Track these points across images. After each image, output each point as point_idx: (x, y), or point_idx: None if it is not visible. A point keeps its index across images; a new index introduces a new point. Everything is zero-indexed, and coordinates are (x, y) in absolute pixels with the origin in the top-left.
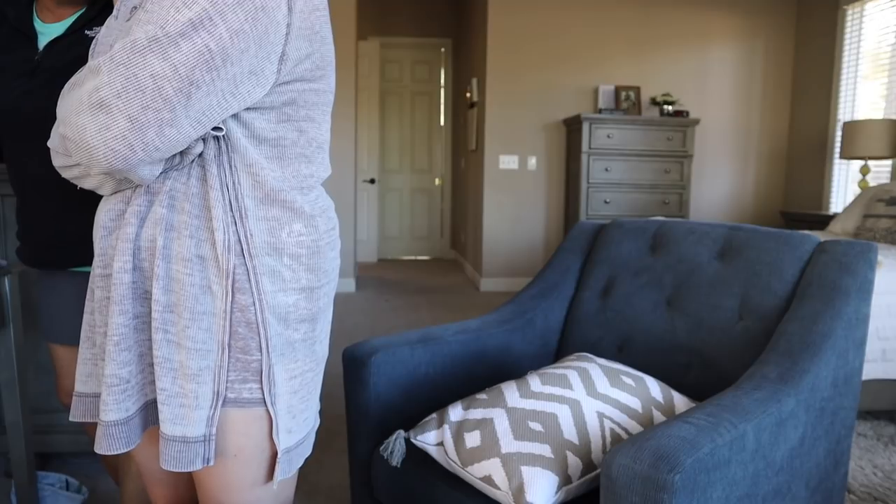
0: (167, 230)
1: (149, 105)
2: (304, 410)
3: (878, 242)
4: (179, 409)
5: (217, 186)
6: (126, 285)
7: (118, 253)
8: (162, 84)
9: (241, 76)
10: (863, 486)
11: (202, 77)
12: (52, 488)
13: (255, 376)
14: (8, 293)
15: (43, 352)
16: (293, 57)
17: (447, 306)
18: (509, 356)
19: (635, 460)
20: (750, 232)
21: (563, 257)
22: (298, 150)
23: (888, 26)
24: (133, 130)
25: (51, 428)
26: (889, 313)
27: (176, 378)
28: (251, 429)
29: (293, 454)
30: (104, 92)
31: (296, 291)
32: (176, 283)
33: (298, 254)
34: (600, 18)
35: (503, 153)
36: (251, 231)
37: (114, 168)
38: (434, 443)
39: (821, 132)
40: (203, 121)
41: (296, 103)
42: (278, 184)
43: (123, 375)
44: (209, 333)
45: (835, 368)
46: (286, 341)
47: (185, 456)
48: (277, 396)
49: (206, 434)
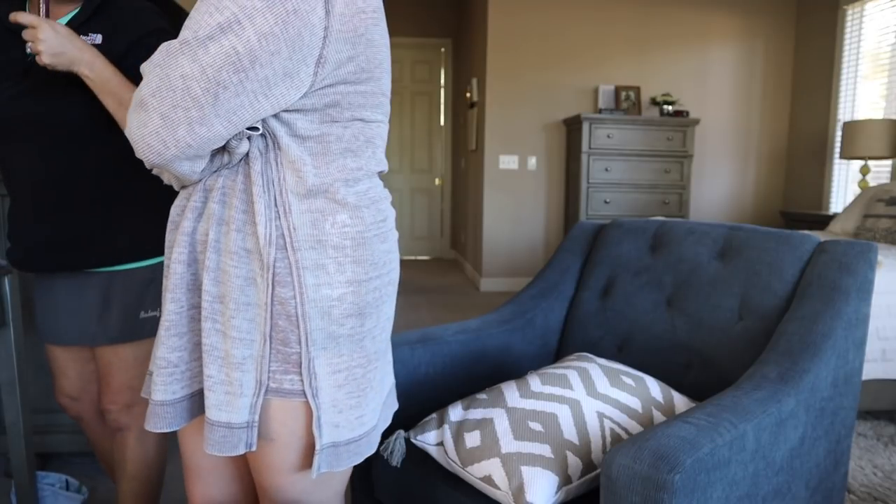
0: (218, 224)
1: (178, 104)
2: (354, 407)
3: (878, 242)
4: (224, 395)
5: (260, 182)
6: (179, 275)
7: (176, 245)
8: (190, 84)
9: (274, 78)
10: (863, 486)
11: (229, 78)
12: (52, 488)
13: (294, 368)
14: (8, 293)
15: (43, 352)
16: (333, 60)
17: (447, 306)
18: (509, 356)
19: (635, 460)
20: (750, 232)
21: (563, 257)
22: (344, 146)
23: (888, 26)
24: (165, 127)
25: (51, 428)
26: (889, 313)
27: (222, 366)
28: (291, 418)
29: (342, 450)
30: (143, 91)
31: (341, 285)
32: (224, 275)
33: (343, 245)
34: (600, 18)
35: (503, 153)
36: (294, 225)
37: (151, 162)
38: (434, 443)
39: (821, 132)
40: (234, 120)
41: (339, 105)
42: (322, 178)
43: (172, 360)
44: (253, 324)
45: (835, 368)
46: (329, 335)
47: (228, 441)
48: (319, 390)
49: (249, 421)
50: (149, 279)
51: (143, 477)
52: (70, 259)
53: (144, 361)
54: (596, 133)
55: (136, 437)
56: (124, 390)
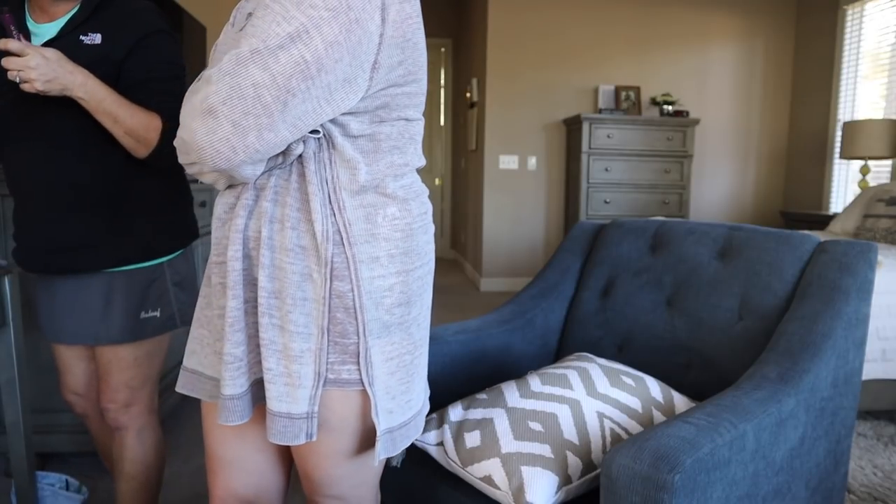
0: (271, 222)
1: (249, 111)
2: (404, 392)
3: (878, 242)
4: (284, 387)
5: (315, 181)
6: (238, 272)
7: (231, 242)
8: (261, 92)
9: (336, 84)
10: (863, 486)
11: (298, 86)
12: (52, 488)
13: (352, 358)
14: (8, 293)
15: (43, 352)
16: (386, 65)
17: (447, 306)
18: (509, 356)
19: (635, 460)
20: (750, 232)
21: (563, 257)
22: (392, 143)
23: (888, 26)
24: (236, 134)
25: (51, 428)
26: (889, 313)
27: (280, 359)
28: (349, 407)
29: (396, 435)
30: (212, 99)
31: (392, 275)
32: (279, 272)
33: (394, 237)
34: (600, 18)
35: (503, 153)
36: (349, 220)
37: (219, 167)
38: (434, 443)
39: (821, 132)
40: (299, 125)
41: (388, 107)
42: (373, 174)
43: (238, 354)
44: (310, 318)
45: (835, 368)
46: (382, 325)
47: (289, 431)
48: (375, 378)
49: (309, 412)
50: (150, 280)
51: (141, 477)
52: (75, 261)
53: (144, 361)
54: (596, 133)
55: (135, 437)
56: (123, 389)
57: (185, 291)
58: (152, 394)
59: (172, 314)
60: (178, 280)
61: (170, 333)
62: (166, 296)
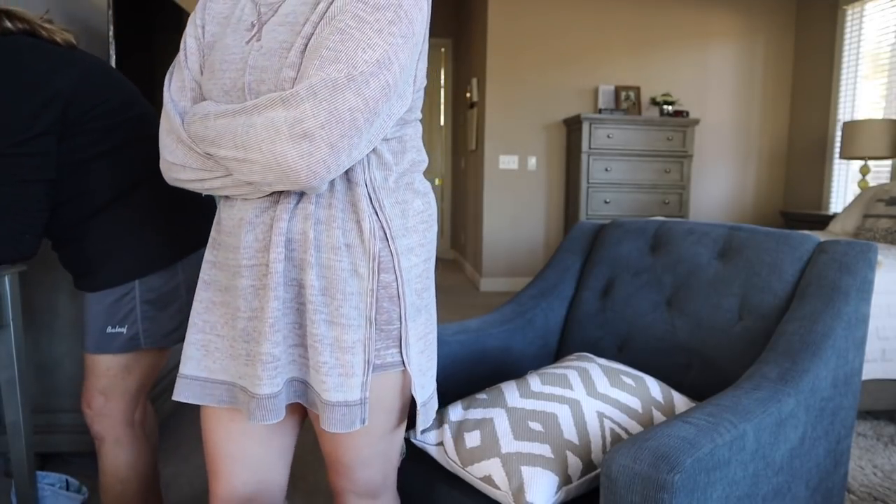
0: (316, 223)
1: (345, 134)
2: (429, 369)
3: (878, 242)
4: (339, 378)
5: (360, 183)
6: (279, 273)
7: (273, 245)
8: (356, 116)
9: (396, 100)
10: (863, 486)
11: (382, 107)
12: (52, 488)
13: (395, 343)
14: (8, 293)
15: (43, 352)
16: (419, 77)
17: (447, 306)
18: (509, 356)
19: (635, 460)
20: (750, 232)
21: (563, 257)
22: (412, 143)
23: (888, 26)
24: (332, 155)
25: (51, 428)
26: (889, 313)
27: (333, 351)
28: (386, 388)
29: (428, 406)
30: (309, 124)
31: (421, 263)
32: (327, 270)
33: (420, 228)
34: (600, 18)
35: (503, 153)
36: (389, 217)
37: (311, 186)
38: (434, 443)
39: (821, 132)
40: (373, 141)
41: (412, 109)
42: (401, 172)
43: (276, 354)
44: (357, 311)
45: (835, 368)
46: (416, 309)
47: (347, 418)
48: (411, 358)
49: (362, 398)
50: (118, 296)
51: (115, 491)
52: (74, 282)
53: (118, 374)
54: (596, 133)
55: (110, 449)
56: (97, 395)
57: (163, 309)
58: (129, 407)
59: (137, 334)
60: (153, 298)
61: (157, 351)
62: (133, 314)
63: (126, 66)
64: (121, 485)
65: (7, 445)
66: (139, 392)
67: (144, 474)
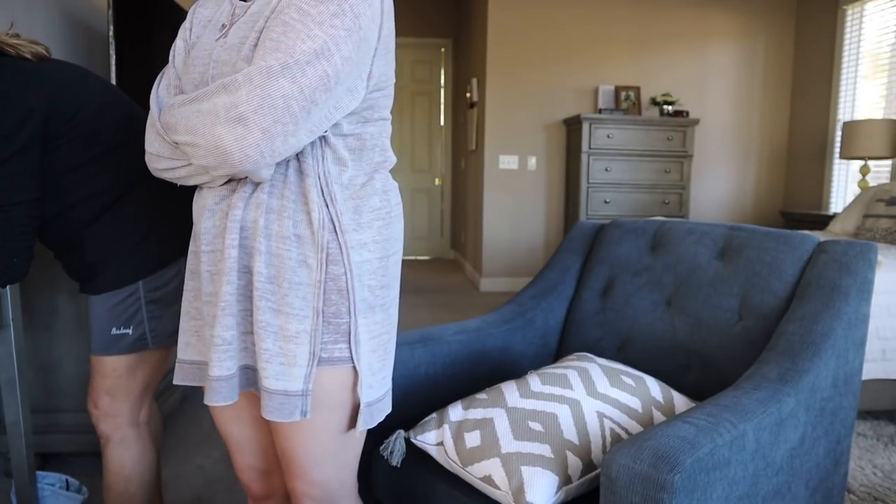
0: (268, 212)
1: (279, 119)
2: (381, 369)
3: (878, 242)
4: (280, 366)
5: (312, 175)
6: (233, 259)
7: (227, 231)
8: (290, 103)
9: (343, 93)
10: (863, 486)
11: (320, 97)
12: (52, 488)
13: (344, 337)
14: (8, 293)
15: (43, 352)
16: (376, 73)
17: (447, 306)
18: (509, 356)
19: (635, 460)
20: (750, 232)
21: (563, 257)
22: (374, 142)
23: (888, 26)
24: (265, 140)
25: (51, 428)
26: (889, 313)
27: (276, 340)
28: (338, 383)
29: (374, 408)
30: (242, 108)
31: (376, 260)
32: (276, 258)
33: (376, 225)
34: (600, 18)
35: (503, 153)
36: (340, 211)
37: (245, 169)
38: (434, 443)
39: (821, 132)
40: (315, 130)
41: (373, 108)
42: (359, 169)
43: (227, 338)
44: (305, 301)
45: (835, 368)
46: (368, 305)
47: (285, 408)
48: (361, 355)
49: (304, 389)
50: (121, 298)
51: (119, 489)
52: (80, 286)
53: (123, 374)
54: (596, 133)
55: (115, 448)
56: (103, 396)
57: (168, 307)
58: (135, 407)
59: (143, 334)
60: (158, 297)
61: (162, 351)
62: (139, 315)
63: (126, 66)
64: (124, 484)
65: (7, 445)
66: (145, 392)
67: (148, 474)
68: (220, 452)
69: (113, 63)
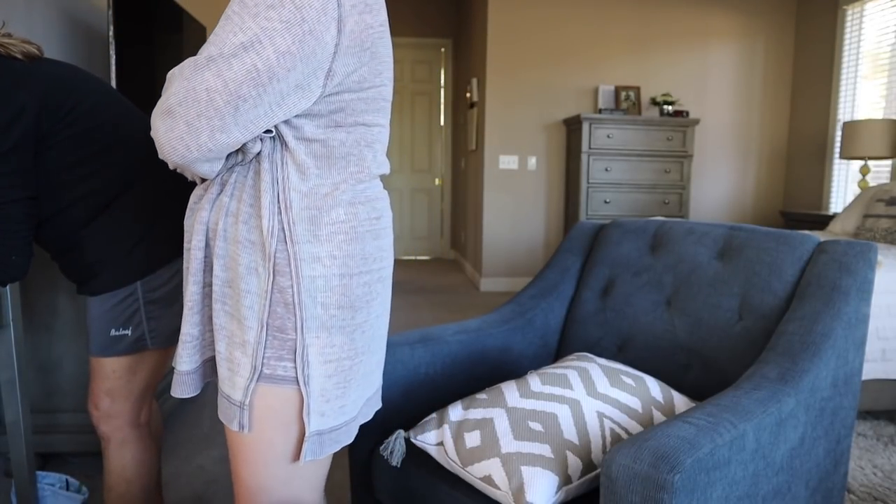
0: (226, 215)
1: (202, 113)
2: (339, 397)
3: (878, 242)
4: (227, 371)
5: (268, 179)
6: (199, 260)
7: (195, 232)
8: (214, 96)
9: (288, 90)
10: (863, 486)
11: (249, 92)
12: (52, 488)
13: (290, 355)
14: (8, 293)
15: (43, 352)
16: (340, 72)
17: (447, 306)
18: (509, 356)
19: (635, 460)
20: (750, 232)
21: (563, 257)
22: (346, 150)
23: (888, 26)
24: (189, 133)
25: (51, 428)
26: (889, 313)
27: (228, 345)
28: (282, 405)
29: (325, 438)
30: (171, 100)
31: (334, 276)
32: (232, 262)
33: (336, 239)
34: (600, 18)
35: (503, 153)
36: (294, 220)
37: (175, 163)
38: (434, 443)
39: (821, 132)
40: (251, 128)
41: (344, 111)
42: (323, 178)
43: (194, 334)
44: (251, 311)
45: (835, 368)
46: (322, 325)
47: (228, 413)
48: (311, 378)
49: (242, 401)
50: (119, 299)
51: (120, 490)
52: (77, 287)
53: (123, 375)
54: (596, 133)
55: (116, 449)
56: (103, 397)
57: (168, 307)
58: (135, 408)
59: (143, 334)
60: (156, 297)
61: (161, 351)
62: (137, 315)
63: (126, 66)
64: (125, 484)
65: (7, 445)
66: (145, 392)
67: (148, 474)
68: (219, 452)
69: (113, 63)
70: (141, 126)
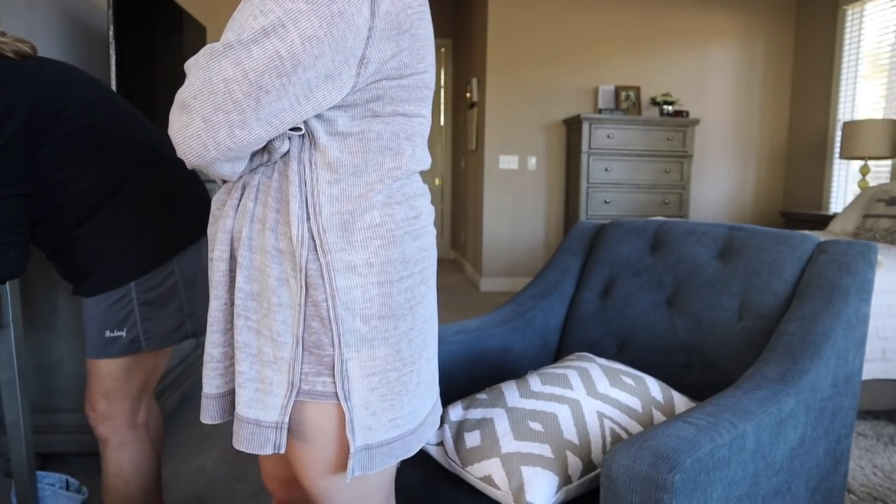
0: (251, 222)
1: (220, 107)
2: (387, 410)
3: (878, 242)
4: (255, 392)
5: (296, 182)
6: (223, 273)
7: (217, 242)
8: (232, 88)
9: (316, 81)
10: (863, 486)
11: (271, 82)
12: (52, 488)
13: (328, 370)
14: (8, 293)
15: (43, 352)
16: (376, 59)
17: (447, 306)
18: (509, 356)
19: (635, 460)
20: (750, 232)
21: (563, 257)
22: (383, 143)
23: (888, 26)
24: (206, 130)
25: (51, 428)
26: (889, 313)
27: (253, 363)
28: (324, 420)
29: (375, 452)
30: (186, 93)
31: (373, 286)
32: (259, 273)
33: (372, 245)
34: (600, 18)
35: (503, 153)
36: (324, 227)
37: (192, 163)
38: (434, 443)
39: (821, 132)
40: (275, 123)
41: (382, 100)
42: (358, 177)
43: (215, 355)
44: (285, 325)
45: (835, 368)
46: (360, 337)
47: (256, 439)
48: (352, 392)
49: (279, 421)
50: (113, 300)
51: (118, 491)
52: (73, 288)
53: (120, 377)
54: (596, 133)
55: (113, 450)
56: (100, 399)
57: (162, 309)
58: (132, 409)
59: (137, 336)
60: (151, 298)
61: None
62: (132, 316)
63: (126, 67)
64: (123, 486)
65: (7, 445)
66: (142, 393)
67: (147, 475)
68: (220, 452)
69: (113, 64)
70: (136, 126)
